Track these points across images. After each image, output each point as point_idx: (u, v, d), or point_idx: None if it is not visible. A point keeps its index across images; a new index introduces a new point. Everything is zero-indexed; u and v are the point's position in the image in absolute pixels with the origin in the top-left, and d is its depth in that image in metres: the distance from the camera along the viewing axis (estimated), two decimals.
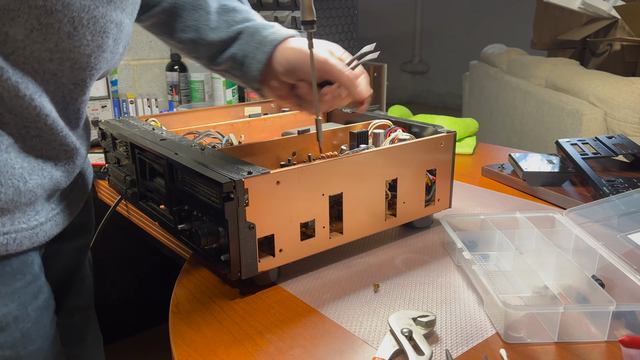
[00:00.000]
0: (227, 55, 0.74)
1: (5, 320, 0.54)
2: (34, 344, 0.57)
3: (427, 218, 0.83)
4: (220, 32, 0.73)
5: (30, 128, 0.51)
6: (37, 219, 0.54)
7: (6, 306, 0.54)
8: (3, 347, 0.54)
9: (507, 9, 5.27)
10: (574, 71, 2.55)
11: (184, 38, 0.75)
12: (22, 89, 0.48)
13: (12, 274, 0.54)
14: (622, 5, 2.95)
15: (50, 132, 0.53)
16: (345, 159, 0.68)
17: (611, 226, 0.72)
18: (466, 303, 0.63)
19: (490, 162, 1.18)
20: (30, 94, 0.49)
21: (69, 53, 0.50)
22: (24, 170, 0.51)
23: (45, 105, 0.51)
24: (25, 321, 0.56)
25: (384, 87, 2.06)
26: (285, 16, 1.83)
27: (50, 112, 0.52)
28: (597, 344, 0.55)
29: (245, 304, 0.64)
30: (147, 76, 1.94)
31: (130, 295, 1.79)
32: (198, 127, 0.89)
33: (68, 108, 0.56)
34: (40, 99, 0.50)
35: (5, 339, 0.54)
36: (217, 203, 0.60)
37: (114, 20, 0.54)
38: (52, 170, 0.54)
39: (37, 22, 0.46)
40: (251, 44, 0.71)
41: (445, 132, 0.78)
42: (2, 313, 0.54)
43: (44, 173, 0.53)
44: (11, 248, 0.51)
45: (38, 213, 0.54)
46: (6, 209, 0.50)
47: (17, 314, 0.55)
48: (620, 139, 1.11)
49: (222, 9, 0.75)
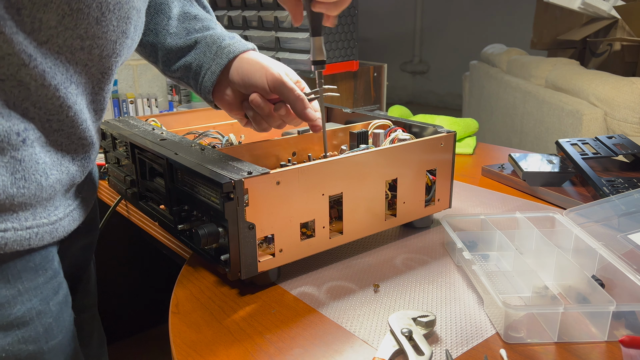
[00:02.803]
0: (182, 63, 0.73)
1: (29, 315, 0.55)
2: (56, 338, 0.58)
3: (427, 218, 0.83)
4: (178, 39, 0.73)
5: (52, 121, 0.51)
6: (56, 214, 0.54)
7: (30, 301, 0.55)
8: (27, 341, 0.55)
9: (507, 9, 5.27)
10: (574, 71, 2.55)
11: (144, 40, 0.75)
12: (48, 79, 0.49)
13: (34, 269, 0.55)
14: (622, 5, 2.95)
15: (71, 125, 0.53)
16: (345, 159, 0.68)
17: (611, 226, 0.72)
18: (466, 303, 0.63)
19: (490, 162, 1.18)
20: (55, 84, 0.50)
21: (98, 40, 0.51)
22: (46, 165, 0.51)
23: (69, 97, 0.51)
24: (47, 316, 0.57)
25: (384, 87, 2.06)
26: (285, 16, 1.83)
27: (73, 104, 0.52)
28: (597, 344, 0.55)
29: (245, 304, 0.64)
30: (147, 76, 1.94)
31: (130, 295, 1.79)
32: (198, 127, 0.89)
33: (96, 99, 0.57)
34: (66, 91, 0.51)
35: (29, 333, 0.55)
36: (217, 203, 0.60)
37: (135, 7, 0.56)
38: (69, 165, 0.55)
39: (67, 8, 0.47)
40: (207, 54, 0.71)
41: (445, 132, 0.78)
42: (26, 308, 0.54)
43: (62, 168, 0.54)
44: (34, 242, 0.52)
45: (57, 208, 0.54)
46: (29, 203, 0.50)
47: (40, 308, 0.56)
48: (620, 139, 1.11)
49: (183, 16, 0.75)
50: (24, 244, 0.51)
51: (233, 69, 0.70)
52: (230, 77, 0.70)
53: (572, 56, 3.35)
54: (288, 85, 0.67)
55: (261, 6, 1.88)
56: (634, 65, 2.90)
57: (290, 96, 0.67)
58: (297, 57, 1.78)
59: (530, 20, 3.74)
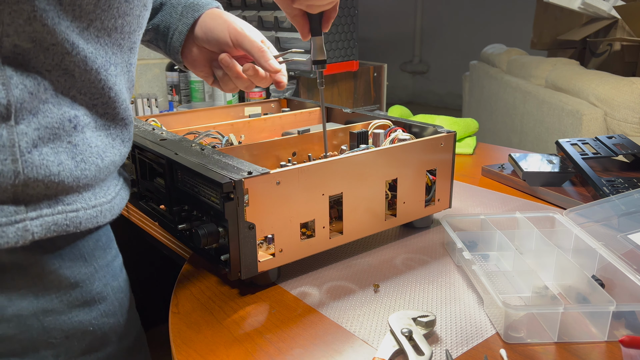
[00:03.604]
0: (150, 26, 0.76)
1: (105, 290, 0.58)
2: (128, 313, 0.62)
3: (427, 218, 0.83)
4: None
5: (97, 106, 0.53)
6: (110, 193, 0.56)
7: (104, 277, 0.58)
8: (108, 315, 0.58)
9: (507, 9, 5.27)
10: (574, 71, 2.55)
11: None
12: (89, 64, 0.50)
13: (103, 248, 0.58)
14: (622, 5, 2.95)
15: (114, 107, 0.55)
16: (345, 159, 0.68)
17: (611, 226, 0.72)
18: (466, 303, 0.63)
19: (490, 162, 1.18)
20: (97, 68, 0.51)
21: (127, 17, 0.53)
22: (99, 148, 0.53)
23: (109, 79, 0.53)
24: (119, 291, 0.60)
25: (384, 87, 2.06)
26: (285, 16, 1.83)
27: (113, 85, 0.53)
28: (597, 344, 0.55)
29: (245, 304, 0.64)
30: (147, 76, 1.94)
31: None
32: (198, 127, 0.89)
33: (129, 77, 0.58)
34: (106, 73, 0.52)
35: (109, 307, 0.58)
36: (217, 203, 0.60)
37: None
38: (118, 146, 0.56)
39: None
40: (173, 15, 0.73)
41: (445, 132, 0.78)
42: (102, 284, 0.57)
43: (114, 150, 0.55)
44: (100, 220, 0.54)
45: (109, 188, 0.56)
46: (90, 185, 0.52)
47: (113, 284, 0.59)
48: (620, 139, 1.11)
49: None
50: (93, 221, 0.53)
51: (197, 26, 0.72)
52: (195, 34, 0.73)
53: (572, 56, 3.35)
54: (250, 37, 0.69)
55: (261, 6, 1.88)
56: (634, 65, 2.90)
57: (253, 47, 0.69)
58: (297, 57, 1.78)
59: (530, 20, 3.74)
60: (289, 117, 0.98)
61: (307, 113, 1.00)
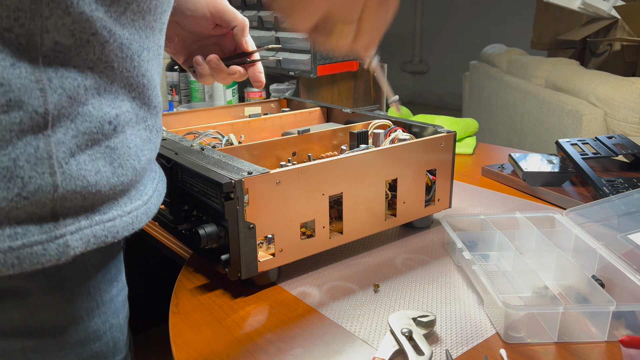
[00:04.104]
0: None
1: (102, 329, 0.54)
2: (121, 354, 0.57)
3: (427, 218, 0.83)
4: None
5: (136, 98, 0.49)
6: (146, 192, 0.52)
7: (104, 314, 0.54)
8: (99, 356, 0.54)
9: (507, 9, 5.27)
10: (574, 71, 2.55)
11: None
12: (125, 50, 0.47)
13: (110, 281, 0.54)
14: (622, 5, 2.95)
15: (148, 95, 0.51)
16: (345, 159, 0.68)
17: (611, 226, 0.72)
18: (466, 303, 0.63)
19: (490, 162, 1.18)
20: (131, 55, 0.48)
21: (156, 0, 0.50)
22: (137, 147, 0.50)
23: (142, 65, 0.49)
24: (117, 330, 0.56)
25: None
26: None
27: (146, 72, 0.50)
28: (597, 344, 0.55)
29: (245, 303, 0.64)
30: None
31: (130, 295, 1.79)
32: (198, 127, 0.89)
33: (158, 60, 0.55)
34: (139, 59, 0.49)
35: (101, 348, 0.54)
36: (217, 203, 0.60)
37: None
38: (154, 139, 0.53)
39: None
40: None
41: (445, 132, 0.78)
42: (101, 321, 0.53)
43: (150, 145, 0.52)
44: (136, 226, 0.50)
45: (145, 186, 0.52)
46: (126, 189, 0.49)
47: (112, 321, 0.55)
48: (620, 139, 1.11)
49: None
50: (129, 229, 0.49)
51: (176, 3, 0.71)
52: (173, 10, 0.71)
53: (572, 56, 3.35)
54: (230, 10, 0.71)
55: (261, 6, 1.88)
56: (634, 65, 2.90)
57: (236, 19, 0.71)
58: (297, 57, 1.78)
59: (530, 20, 3.74)
60: (289, 117, 0.98)
61: (307, 113, 1.00)
